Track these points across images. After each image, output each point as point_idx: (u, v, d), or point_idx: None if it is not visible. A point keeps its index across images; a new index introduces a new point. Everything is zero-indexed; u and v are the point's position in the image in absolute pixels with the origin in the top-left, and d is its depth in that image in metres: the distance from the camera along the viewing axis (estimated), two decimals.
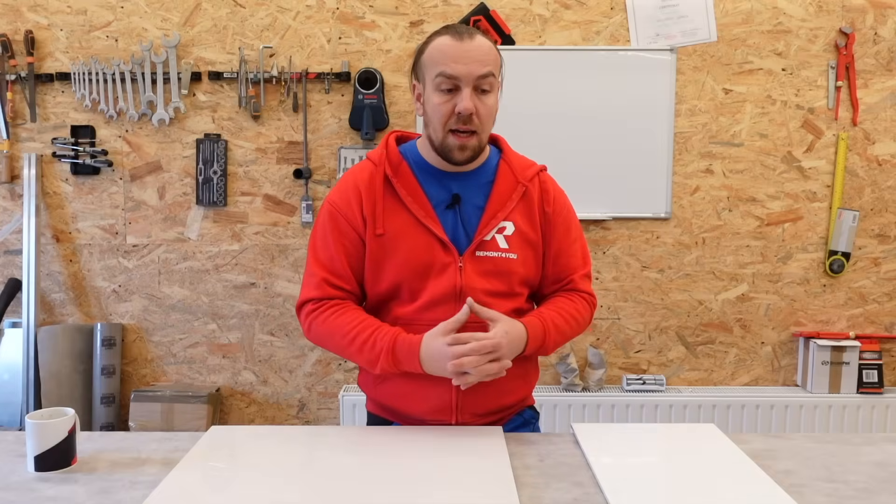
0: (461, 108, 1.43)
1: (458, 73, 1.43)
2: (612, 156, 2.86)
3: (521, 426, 1.60)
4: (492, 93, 1.47)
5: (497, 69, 1.48)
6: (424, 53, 1.49)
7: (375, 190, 1.50)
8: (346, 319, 1.48)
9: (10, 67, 2.85)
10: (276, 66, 2.84)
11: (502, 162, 1.57)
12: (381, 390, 1.56)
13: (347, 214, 1.51)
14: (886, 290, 2.96)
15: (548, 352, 1.53)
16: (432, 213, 1.50)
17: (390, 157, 1.53)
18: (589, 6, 2.83)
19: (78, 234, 2.94)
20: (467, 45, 1.44)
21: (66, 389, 2.87)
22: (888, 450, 1.41)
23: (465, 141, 1.46)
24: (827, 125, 2.88)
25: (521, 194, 1.54)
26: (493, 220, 1.51)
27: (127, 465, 1.30)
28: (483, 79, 1.44)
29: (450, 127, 1.46)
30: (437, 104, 1.45)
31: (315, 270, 1.53)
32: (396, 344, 1.43)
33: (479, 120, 1.45)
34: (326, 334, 1.50)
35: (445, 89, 1.45)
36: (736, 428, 2.83)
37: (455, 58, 1.43)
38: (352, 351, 1.46)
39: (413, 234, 1.49)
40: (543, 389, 2.92)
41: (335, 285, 1.51)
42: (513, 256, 1.51)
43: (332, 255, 1.52)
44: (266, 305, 2.96)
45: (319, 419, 3.01)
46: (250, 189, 2.92)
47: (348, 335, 1.46)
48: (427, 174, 1.54)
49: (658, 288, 2.95)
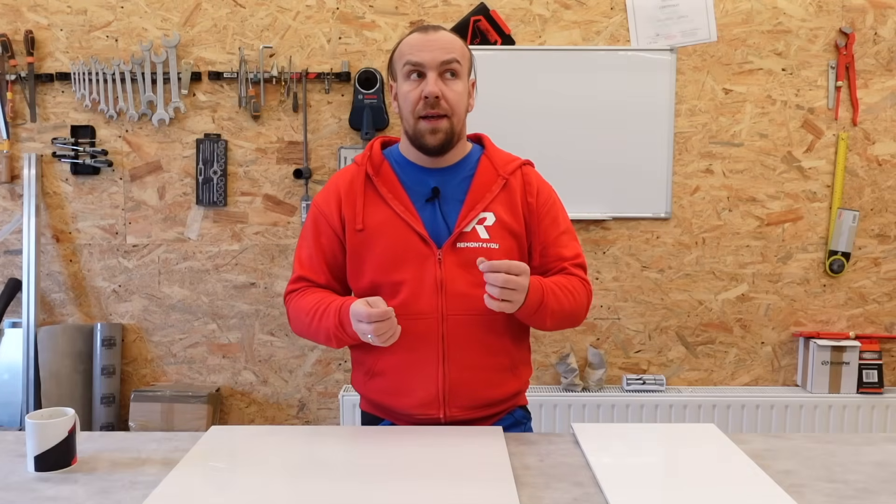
0: (427, 91, 1.48)
1: (422, 59, 1.49)
2: (612, 156, 2.86)
3: (512, 426, 1.60)
4: (459, 79, 1.52)
5: (463, 59, 1.53)
6: (395, 51, 1.56)
7: (356, 189, 1.56)
8: (308, 299, 1.55)
9: (10, 67, 2.85)
10: (276, 66, 2.84)
11: (484, 157, 1.60)
12: (370, 387, 1.58)
13: (327, 214, 1.58)
14: (886, 290, 2.96)
15: (545, 318, 1.48)
16: (411, 207, 1.53)
17: (373, 157, 1.59)
18: (589, 6, 2.83)
19: (78, 234, 2.94)
20: (431, 36, 1.51)
21: (66, 389, 2.87)
22: (888, 450, 1.41)
23: (435, 124, 1.49)
24: (827, 125, 2.88)
25: (502, 186, 1.56)
26: (473, 211, 1.53)
27: (127, 465, 1.30)
28: (447, 64, 1.50)
29: (419, 113, 1.50)
30: (406, 92, 1.51)
31: (296, 267, 1.62)
32: (342, 307, 1.46)
33: (447, 104, 1.49)
34: (296, 317, 1.58)
35: (413, 77, 1.51)
36: (736, 428, 2.83)
37: (420, 47, 1.50)
38: (314, 327, 1.52)
39: (392, 229, 1.52)
40: (543, 389, 2.92)
41: (310, 280, 1.59)
42: (494, 246, 1.52)
43: (311, 254, 1.60)
44: (266, 305, 2.96)
45: (319, 419, 3.01)
46: (250, 189, 2.92)
47: (309, 312, 1.52)
48: (407, 170, 1.58)
49: (658, 288, 2.95)
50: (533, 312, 1.46)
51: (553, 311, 1.49)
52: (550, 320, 1.50)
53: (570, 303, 1.53)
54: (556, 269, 1.58)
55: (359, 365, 1.61)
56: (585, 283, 1.59)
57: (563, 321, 1.54)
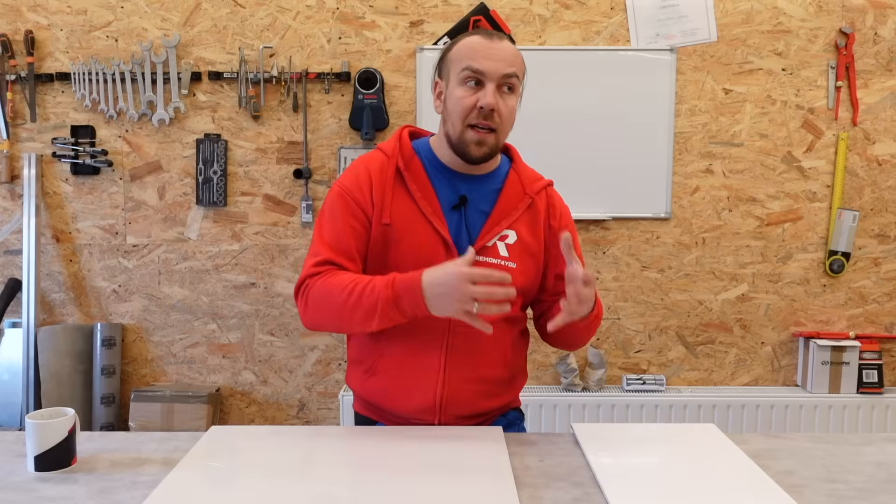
0: (484, 103, 1.44)
1: (484, 68, 1.44)
2: (612, 156, 2.86)
3: (504, 427, 1.59)
4: (514, 95, 1.49)
5: (521, 74, 1.50)
6: (451, 50, 1.51)
7: (386, 179, 1.51)
8: (343, 277, 1.43)
9: (10, 67, 2.85)
10: (276, 66, 2.84)
11: (512, 171, 1.59)
12: (367, 385, 1.56)
13: (358, 197, 1.50)
14: (886, 290, 2.96)
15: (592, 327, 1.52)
16: (440, 211, 1.51)
17: (403, 150, 1.54)
18: (589, 6, 2.83)
19: (78, 234, 2.94)
20: (496, 45, 1.47)
21: (66, 389, 2.87)
22: (888, 450, 1.41)
23: (483, 136, 1.46)
24: (827, 125, 2.88)
25: (528, 205, 1.55)
26: (497, 226, 1.52)
27: (127, 465, 1.30)
28: (508, 78, 1.46)
29: (470, 122, 1.46)
30: (460, 97, 1.46)
31: (319, 250, 1.48)
32: (396, 279, 1.37)
33: (499, 118, 1.47)
34: (324, 296, 1.42)
35: (470, 84, 1.46)
36: (736, 428, 2.83)
37: (484, 54, 1.45)
38: (351, 303, 1.39)
39: (418, 229, 1.49)
40: (543, 389, 2.92)
41: (339, 264, 1.46)
42: (512, 265, 1.51)
43: (340, 236, 1.48)
44: (266, 305, 2.96)
45: (319, 419, 3.01)
46: (250, 189, 2.92)
47: (346, 288, 1.39)
48: (438, 172, 1.54)
49: (658, 288, 2.95)
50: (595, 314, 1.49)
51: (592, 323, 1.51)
52: (593, 328, 1.53)
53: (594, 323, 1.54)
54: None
55: (357, 363, 1.59)
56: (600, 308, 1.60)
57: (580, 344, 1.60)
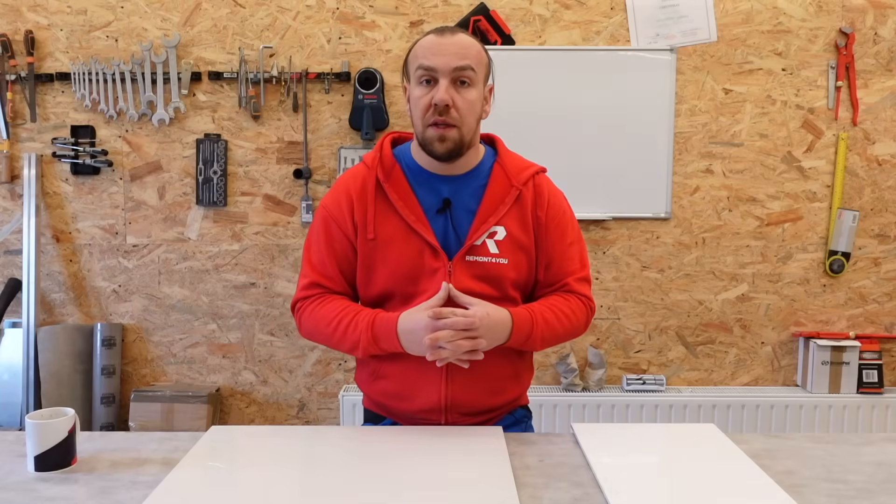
0: (438, 99, 1.43)
1: (435, 64, 1.44)
2: (612, 156, 2.86)
3: (512, 425, 1.59)
4: (472, 87, 1.47)
5: (479, 65, 1.47)
6: (410, 52, 1.51)
7: (367, 195, 1.52)
8: (329, 308, 1.51)
9: (10, 67, 2.85)
10: (276, 66, 2.84)
11: (496, 164, 1.56)
12: (374, 388, 1.57)
13: (339, 220, 1.54)
14: (886, 290, 2.96)
15: (536, 346, 1.51)
16: (423, 217, 1.50)
17: (384, 160, 1.54)
18: (589, 6, 2.83)
19: (78, 234, 2.94)
20: (447, 40, 1.46)
21: (66, 389, 2.87)
22: (888, 450, 1.41)
23: (443, 132, 1.45)
24: (827, 125, 2.88)
25: (515, 198, 1.53)
26: (484, 224, 1.50)
27: (127, 465, 1.30)
28: (460, 71, 1.44)
29: (428, 120, 1.46)
30: (418, 97, 1.47)
31: (307, 272, 1.57)
32: (375, 321, 1.45)
33: (457, 113, 1.45)
34: (314, 325, 1.53)
35: (424, 81, 1.46)
36: (736, 428, 2.83)
37: (434, 51, 1.45)
38: (337, 337, 1.49)
39: (404, 239, 1.49)
40: (543, 389, 2.92)
41: (324, 286, 1.55)
42: (503, 262, 1.50)
43: (323, 259, 1.55)
44: (266, 305, 2.96)
45: (319, 419, 3.01)
46: (250, 189, 2.92)
47: (332, 322, 1.49)
48: (419, 178, 1.53)
49: (658, 288, 2.95)
50: (520, 343, 1.48)
51: (544, 339, 1.50)
52: (541, 345, 1.52)
53: (565, 326, 1.53)
54: (558, 284, 1.57)
55: (364, 364, 1.60)
56: (585, 300, 1.58)
57: (556, 342, 1.56)
